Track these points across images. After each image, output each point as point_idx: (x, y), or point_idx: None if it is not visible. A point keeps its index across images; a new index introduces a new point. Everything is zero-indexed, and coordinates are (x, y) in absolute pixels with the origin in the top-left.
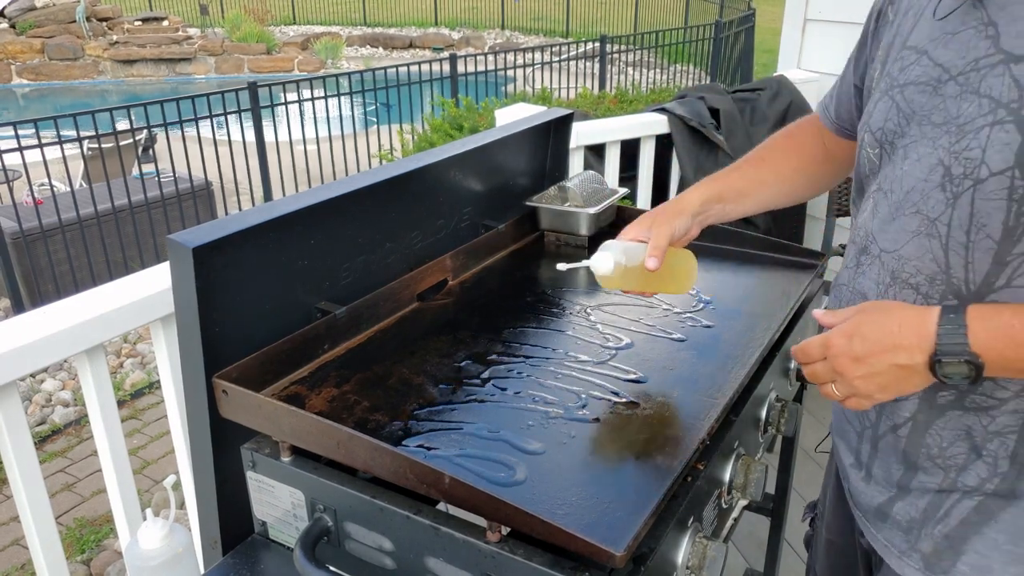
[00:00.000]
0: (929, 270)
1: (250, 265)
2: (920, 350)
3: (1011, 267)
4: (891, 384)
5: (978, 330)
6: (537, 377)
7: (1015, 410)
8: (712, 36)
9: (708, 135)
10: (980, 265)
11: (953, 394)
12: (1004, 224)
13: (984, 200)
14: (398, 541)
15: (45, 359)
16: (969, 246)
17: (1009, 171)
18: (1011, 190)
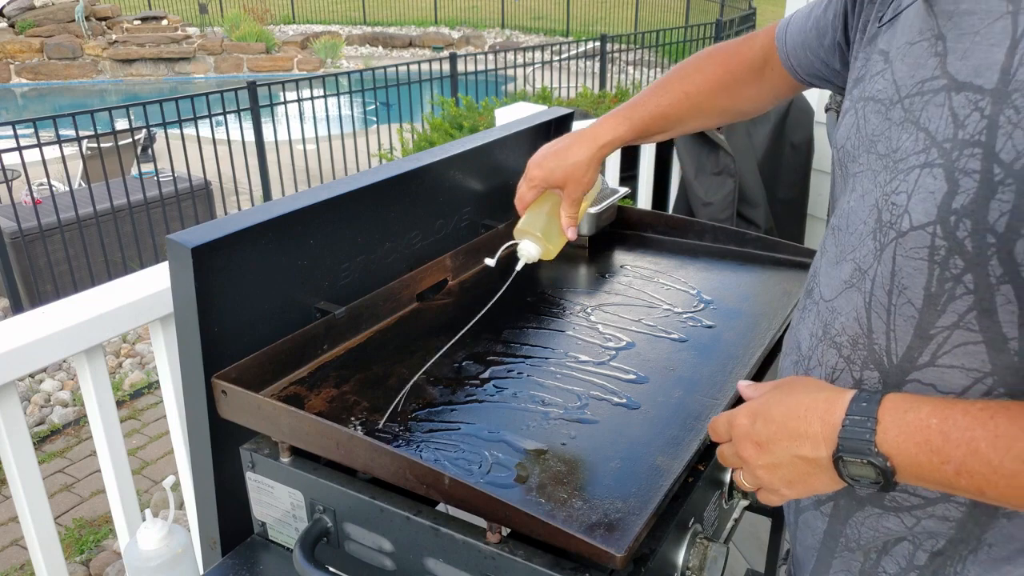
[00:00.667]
0: (853, 331)
1: (249, 265)
2: (824, 442)
3: (935, 342)
4: (796, 479)
5: (889, 426)
6: (537, 377)
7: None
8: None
9: (709, 134)
10: (902, 334)
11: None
12: (926, 289)
13: (905, 257)
14: (398, 542)
15: (44, 359)
16: (891, 310)
17: (931, 226)
18: (932, 250)
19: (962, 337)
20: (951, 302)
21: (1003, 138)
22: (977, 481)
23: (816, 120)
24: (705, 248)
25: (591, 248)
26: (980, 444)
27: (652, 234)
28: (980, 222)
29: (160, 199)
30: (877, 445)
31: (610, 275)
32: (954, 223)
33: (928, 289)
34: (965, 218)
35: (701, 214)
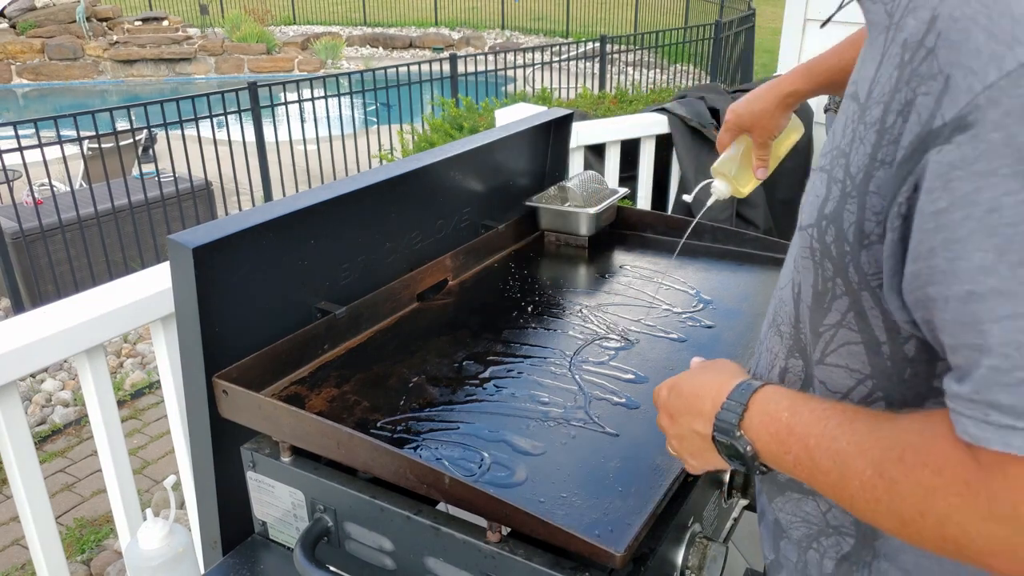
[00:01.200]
0: (790, 317)
1: (250, 265)
2: (709, 421)
3: (823, 340)
4: (696, 452)
5: (754, 414)
6: (537, 377)
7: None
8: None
9: (708, 135)
10: (805, 328)
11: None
12: (814, 287)
13: (799, 256)
14: (398, 541)
15: (45, 359)
16: (798, 300)
17: (811, 228)
18: (812, 250)
19: (845, 336)
20: (834, 300)
21: (855, 152)
22: (806, 474)
23: (816, 120)
24: (705, 248)
25: (591, 248)
26: (810, 441)
27: (652, 234)
28: (839, 230)
29: (161, 199)
30: (741, 429)
31: (610, 275)
32: (824, 227)
33: (816, 287)
34: (831, 224)
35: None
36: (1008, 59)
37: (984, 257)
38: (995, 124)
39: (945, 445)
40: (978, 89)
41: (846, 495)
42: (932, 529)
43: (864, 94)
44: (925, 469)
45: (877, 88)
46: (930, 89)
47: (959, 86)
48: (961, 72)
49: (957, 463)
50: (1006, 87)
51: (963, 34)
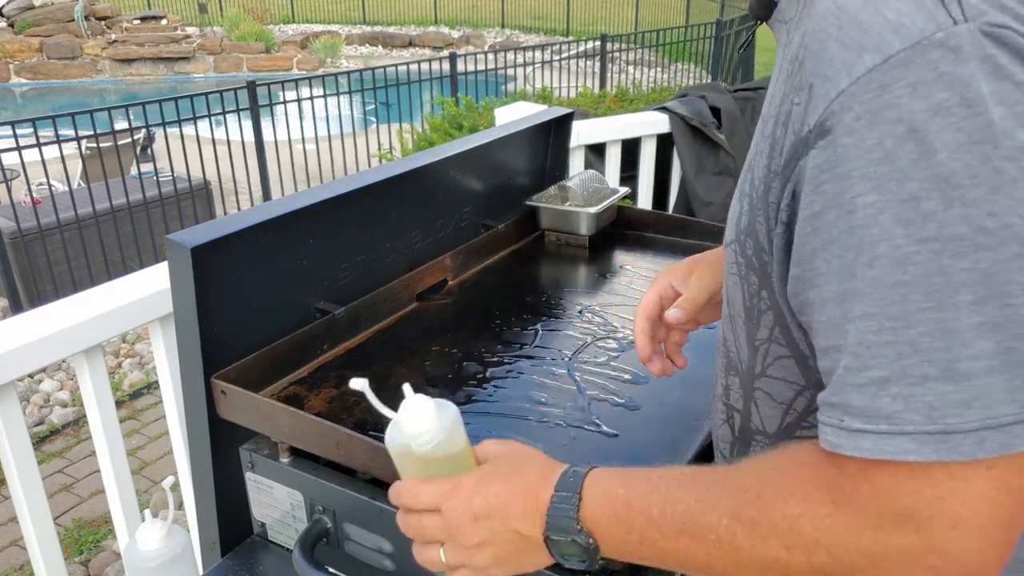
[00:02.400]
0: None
1: (249, 265)
2: (537, 519)
3: (760, 353)
4: (509, 558)
5: (588, 500)
6: (537, 378)
7: None
8: (713, 35)
9: (709, 134)
10: (743, 345)
11: None
12: (744, 303)
13: (728, 274)
14: (398, 542)
15: (43, 359)
16: (732, 319)
17: (733, 243)
18: (737, 265)
19: (777, 350)
20: (762, 316)
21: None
22: (656, 548)
23: None
24: (705, 248)
25: (591, 248)
26: (652, 511)
27: (652, 234)
28: (756, 242)
29: (160, 199)
30: (580, 521)
31: (610, 275)
32: (743, 241)
33: (745, 303)
34: (748, 238)
35: (701, 214)
36: (857, 66)
37: (846, 257)
38: (847, 129)
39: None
40: (832, 95)
41: (702, 558)
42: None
43: (766, 109)
44: (789, 499)
45: (773, 103)
46: (800, 99)
47: (818, 94)
48: (819, 80)
49: (821, 484)
50: (856, 92)
51: (820, 45)
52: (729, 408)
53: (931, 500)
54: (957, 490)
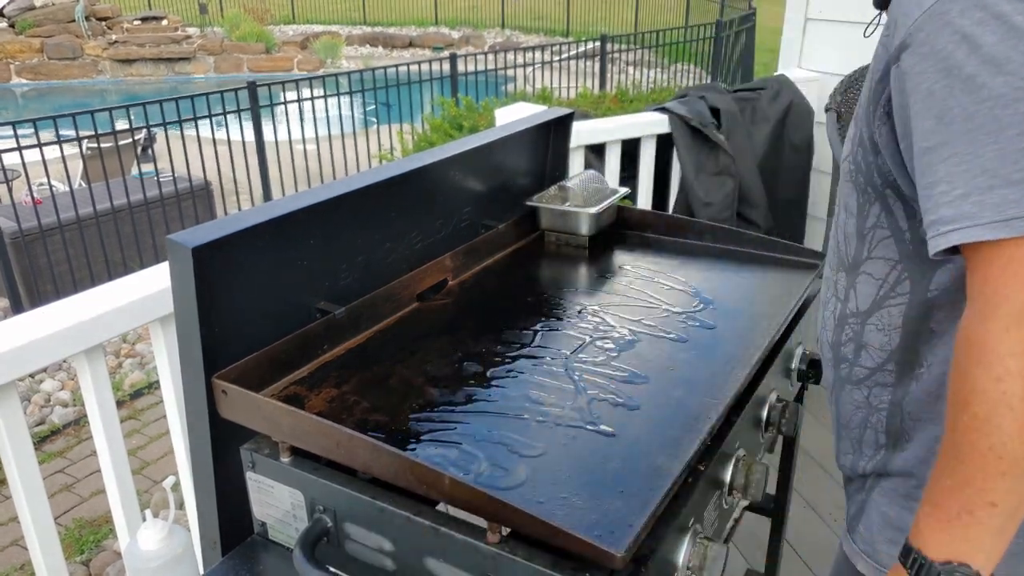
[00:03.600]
0: (832, 246)
1: (249, 265)
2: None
3: (868, 240)
4: None
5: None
6: (537, 378)
7: (882, 384)
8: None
9: (709, 135)
10: (851, 239)
11: (846, 366)
12: (857, 202)
13: (844, 182)
14: (398, 542)
15: (44, 359)
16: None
17: (849, 157)
18: (852, 173)
19: (881, 234)
20: (869, 207)
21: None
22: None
23: (816, 120)
24: (705, 248)
25: (591, 248)
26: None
27: (652, 234)
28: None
29: (160, 199)
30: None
31: (610, 275)
32: (855, 152)
33: (857, 200)
34: (859, 147)
35: (701, 214)
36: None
37: (928, 123)
38: (921, 41)
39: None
40: (910, 23)
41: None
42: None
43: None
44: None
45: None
46: (889, 32)
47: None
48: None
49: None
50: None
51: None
52: (836, 300)
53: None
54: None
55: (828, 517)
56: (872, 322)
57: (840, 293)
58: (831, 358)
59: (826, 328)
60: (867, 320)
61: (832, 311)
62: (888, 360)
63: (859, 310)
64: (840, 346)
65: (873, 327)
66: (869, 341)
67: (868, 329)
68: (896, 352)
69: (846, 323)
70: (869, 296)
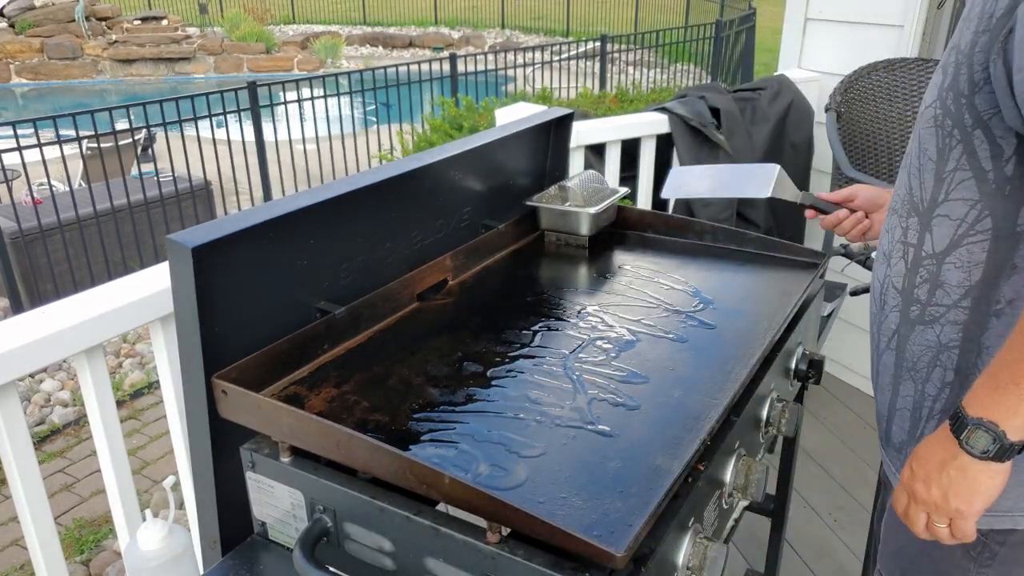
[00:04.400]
0: (901, 194)
1: (249, 265)
2: (954, 444)
3: (946, 182)
4: (967, 487)
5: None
6: (537, 377)
7: (954, 321)
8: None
9: (709, 135)
10: (927, 183)
11: (918, 307)
12: (937, 145)
13: (924, 128)
14: (398, 542)
15: (44, 359)
16: (920, 168)
17: (934, 103)
18: (935, 118)
19: (961, 176)
20: (950, 151)
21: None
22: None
23: (816, 120)
24: (705, 248)
25: (591, 248)
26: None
27: (652, 234)
28: (955, 91)
29: (160, 199)
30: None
31: (610, 275)
32: (943, 96)
33: (938, 144)
34: (949, 91)
35: (701, 214)
36: None
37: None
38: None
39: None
40: None
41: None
42: None
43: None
44: None
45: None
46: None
47: None
48: None
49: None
50: None
51: None
52: (906, 246)
53: None
54: None
55: (828, 517)
56: (950, 260)
57: (911, 237)
58: (897, 304)
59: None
60: (945, 259)
61: (902, 256)
62: (965, 296)
63: (935, 251)
64: (914, 288)
65: (951, 265)
66: (946, 279)
67: (946, 268)
68: (974, 288)
69: (920, 265)
70: (946, 237)
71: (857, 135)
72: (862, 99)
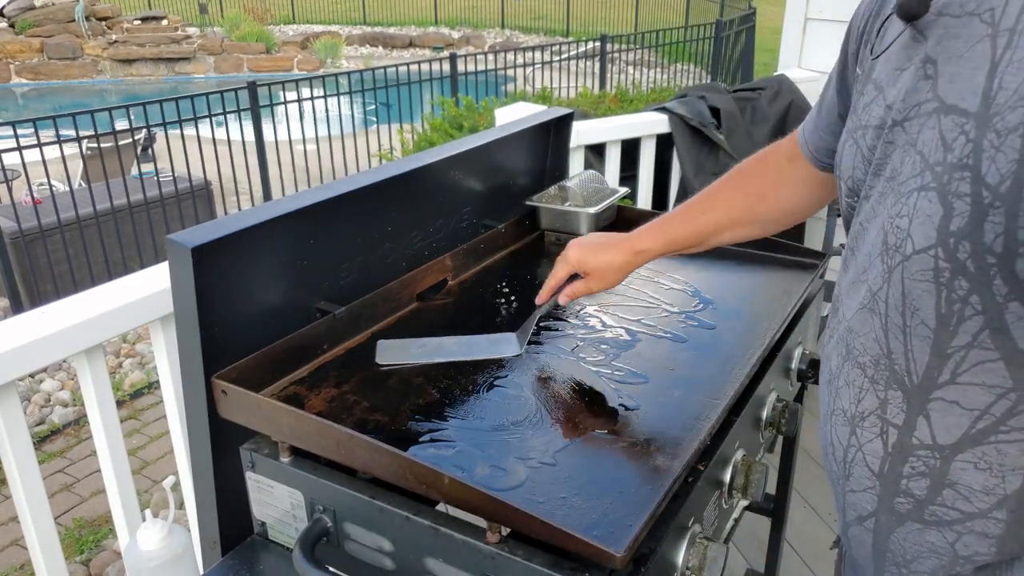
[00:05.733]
0: (873, 351)
1: (249, 265)
2: None
3: (953, 360)
4: None
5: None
6: (537, 377)
7: (982, 533)
8: (713, 35)
9: (709, 134)
10: (920, 354)
11: (910, 503)
12: (936, 310)
13: (912, 280)
14: (398, 542)
15: (44, 359)
16: (907, 331)
17: (932, 249)
18: (936, 272)
19: (979, 356)
20: (962, 323)
21: (987, 162)
22: None
23: None
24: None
25: None
26: None
27: None
28: (978, 244)
29: (160, 199)
30: None
31: None
32: (954, 245)
33: (939, 310)
34: (964, 240)
35: None
36: None
37: None
38: None
39: None
40: None
41: None
42: None
43: (978, 103)
44: None
45: (1003, 94)
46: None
47: None
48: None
49: None
50: None
51: None
52: (884, 423)
53: None
54: None
55: (828, 517)
56: (965, 459)
57: (893, 416)
58: (874, 487)
59: (861, 448)
60: (955, 456)
61: (879, 434)
62: (998, 506)
63: (936, 443)
64: (900, 479)
65: (970, 465)
66: (961, 480)
67: (958, 466)
68: (1011, 499)
69: (911, 454)
70: (958, 429)
71: None
72: None
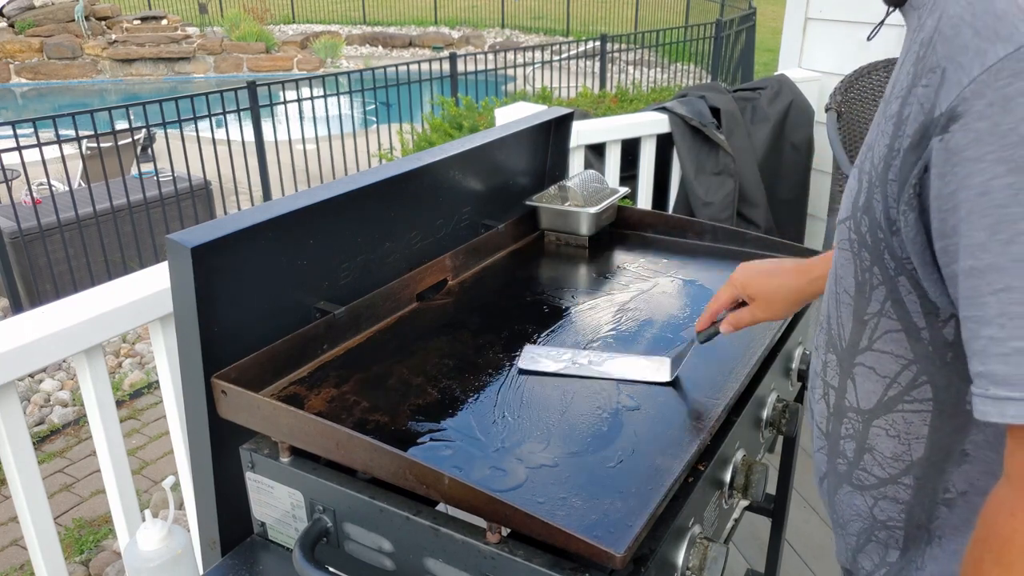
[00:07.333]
0: (824, 316)
1: (249, 265)
2: None
3: (869, 327)
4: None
5: None
6: (537, 377)
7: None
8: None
9: (709, 134)
10: (845, 321)
11: (844, 463)
12: (855, 278)
13: (840, 250)
14: (397, 542)
15: (44, 359)
16: (837, 297)
17: (848, 220)
18: (850, 242)
19: (887, 325)
20: (872, 290)
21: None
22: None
23: (816, 120)
24: (705, 248)
25: (591, 248)
26: None
27: (652, 234)
28: (872, 219)
29: (160, 199)
30: None
31: (610, 275)
32: (858, 219)
33: (856, 278)
34: (864, 215)
35: (701, 214)
36: (990, 54)
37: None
38: (979, 114)
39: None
40: (965, 82)
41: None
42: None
43: (888, 91)
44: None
45: (898, 85)
46: (930, 81)
47: (951, 79)
48: (952, 66)
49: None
50: (988, 80)
51: (954, 31)
52: (825, 385)
53: None
54: None
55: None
56: (880, 425)
57: (831, 377)
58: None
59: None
60: (872, 421)
61: (823, 395)
62: (904, 472)
63: (859, 407)
64: (839, 439)
65: (882, 431)
66: (876, 446)
67: (875, 432)
68: (916, 466)
69: (844, 415)
70: (872, 394)
71: (857, 135)
72: (862, 99)
